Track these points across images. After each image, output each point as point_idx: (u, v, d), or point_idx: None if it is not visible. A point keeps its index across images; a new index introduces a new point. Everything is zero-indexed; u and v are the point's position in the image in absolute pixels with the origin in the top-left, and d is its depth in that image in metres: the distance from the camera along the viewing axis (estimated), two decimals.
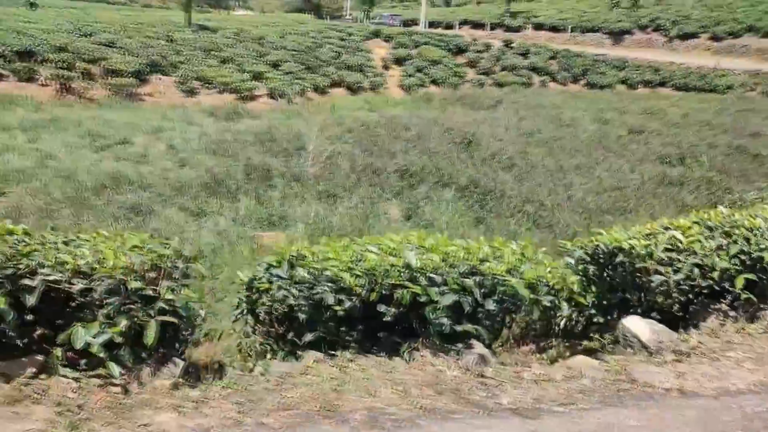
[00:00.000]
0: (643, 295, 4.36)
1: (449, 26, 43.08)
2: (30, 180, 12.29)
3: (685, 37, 42.59)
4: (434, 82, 31.11)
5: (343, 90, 28.37)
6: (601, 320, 4.51)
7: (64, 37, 24.65)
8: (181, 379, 3.02)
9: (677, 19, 43.46)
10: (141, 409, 2.72)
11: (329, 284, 3.55)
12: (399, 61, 32.46)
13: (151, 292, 3.10)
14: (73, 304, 3.06)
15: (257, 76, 25.67)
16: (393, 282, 3.49)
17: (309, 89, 26.56)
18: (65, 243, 3.48)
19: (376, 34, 35.14)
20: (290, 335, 3.79)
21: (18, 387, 2.76)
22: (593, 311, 4.55)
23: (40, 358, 2.98)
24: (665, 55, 40.21)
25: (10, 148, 14.38)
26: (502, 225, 11.98)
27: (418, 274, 3.54)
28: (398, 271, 3.53)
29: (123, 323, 2.95)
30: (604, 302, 4.53)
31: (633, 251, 4.36)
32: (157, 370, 3.06)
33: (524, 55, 35.60)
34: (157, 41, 26.43)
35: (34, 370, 2.90)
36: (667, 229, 4.71)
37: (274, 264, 3.89)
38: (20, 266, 2.99)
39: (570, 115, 24.29)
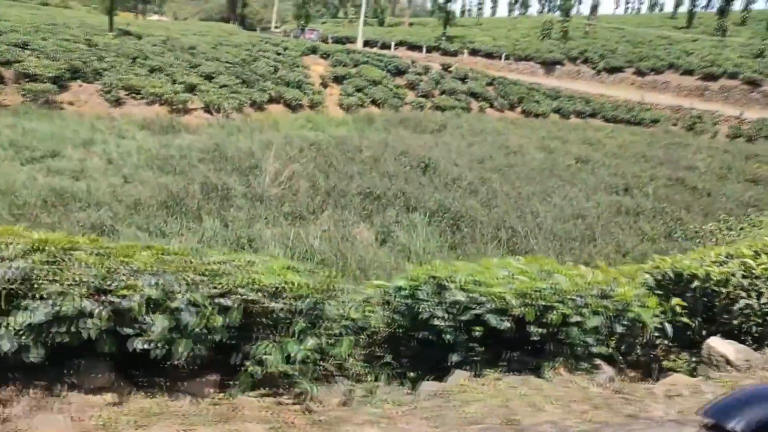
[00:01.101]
0: (721, 318, 4.60)
1: (385, 46, 43.74)
2: None
3: (611, 70, 45.56)
4: (374, 102, 31.37)
5: (281, 107, 27.98)
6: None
7: None
8: (345, 397, 3.27)
9: (604, 53, 46.45)
10: (343, 425, 2.91)
11: (489, 306, 3.72)
12: (338, 80, 32.49)
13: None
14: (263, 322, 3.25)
15: (190, 88, 24.84)
16: (545, 303, 3.72)
17: (246, 104, 26.02)
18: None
19: (312, 50, 35.07)
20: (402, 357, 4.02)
21: (213, 405, 2.95)
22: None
23: (214, 377, 3.14)
24: (594, 87, 42.79)
25: None
26: (478, 251, 12.13)
27: (564, 297, 3.81)
28: (549, 292, 3.78)
29: (311, 341, 3.18)
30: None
31: (710, 277, 4.67)
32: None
33: (462, 79, 36.67)
34: (76, 45, 25.01)
35: (211, 389, 3.08)
36: (729, 257, 5.00)
37: (403, 286, 4.02)
38: (218, 286, 3.13)
39: (516, 142, 25.19)
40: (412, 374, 3.86)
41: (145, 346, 2.86)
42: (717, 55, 46.73)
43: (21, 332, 2.66)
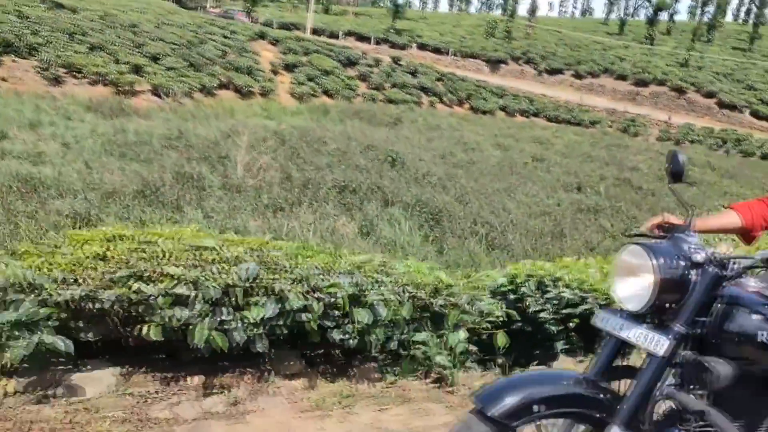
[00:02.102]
0: None
1: (333, 35, 43.22)
2: None
3: (552, 72, 47.21)
4: (326, 93, 31.01)
5: (231, 93, 27.14)
6: None
7: None
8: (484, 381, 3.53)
9: (545, 54, 48.02)
10: None
11: (593, 302, 4.10)
12: (289, 68, 31.88)
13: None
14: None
15: (136, 69, 23.68)
16: None
17: (196, 89, 25.07)
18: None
19: (261, 36, 34.21)
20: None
21: (386, 387, 3.25)
22: None
23: (373, 364, 3.52)
24: (536, 87, 44.06)
25: None
26: (460, 245, 12.30)
27: None
28: None
29: (463, 334, 3.50)
30: None
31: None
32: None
33: (413, 74, 36.84)
34: (6, 16, 23.27)
35: (374, 374, 3.43)
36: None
37: (504, 282, 4.46)
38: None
39: (471, 138, 25.60)
40: (522, 360, 4.22)
41: (343, 337, 3.18)
42: (647, 63, 49.58)
43: (251, 326, 2.95)
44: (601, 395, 1.82)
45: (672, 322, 1.77)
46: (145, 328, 2.78)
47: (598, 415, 1.80)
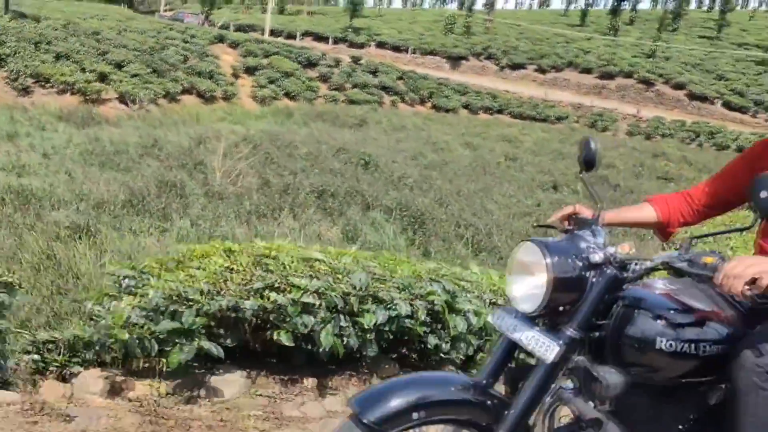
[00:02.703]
0: None
1: (291, 36, 44.04)
2: None
3: (514, 67, 48.47)
4: (288, 95, 31.89)
5: (194, 98, 27.87)
6: None
7: None
8: None
9: (506, 49, 49.39)
10: None
11: None
12: (249, 71, 32.66)
13: None
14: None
15: (101, 77, 24.25)
16: None
17: (160, 95, 25.68)
18: None
19: (220, 39, 34.88)
20: None
21: None
22: None
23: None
24: (499, 83, 45.37)
25: None
26: (448, 249, 13.28)
27: None
28: None
29: None
30: None
31: None
32: None
33: (373, 73, 37.89)
34: None
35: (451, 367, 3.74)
36: None
37: None
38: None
39: (439, 138, 26.76)
40: None
41: (438, 342, 3.56)
42: (612, 55, 50.69)
43: (364, 331, 3.37)
44: (489, 401, 1.79)
45: (565, 326, 1.73)
46: (276, 334, 3.24)
47: (484, 422, 1.78)
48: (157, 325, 3.08)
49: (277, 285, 3.32)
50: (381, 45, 46.78)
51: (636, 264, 1.77)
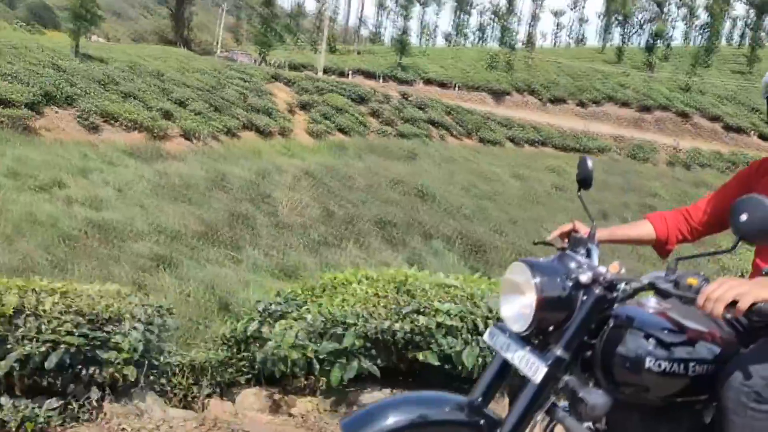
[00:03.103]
0: None
1: (342, 74, 44.84)
2: None
3: (555, 101, 48.66)
4: (341, 129, 32.27)
5: (253, 134, 28.39)
6: None
7: None
8: None
9: (548, 84, 49.58)
10: None
11: None
12: (304, 107, 33.21)
13: None
14: None
15: (166, 115, 24.92)
16: None
17: (221, 131, 26.30)
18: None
19: (275, 77, 35.64)
20: None
21: None
22: None
23: None
24: (541, 117, 45.40)
25: None
26: None
27: None
28: None
29: None
30: None
31: None
32: None
33: (422, 108, 38.18)
34: (44, 69, 24.59)
35: None
36: None
37: None
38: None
39: (488, 170, 26.75)
40: None
41: None
42: (649, 89, 50.93)
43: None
44: (482, 420, 1.76)
45: (554, 346, 1.70)
46: (422, 355, 3.36)
47: None
48: (318, 345, 3.24)
49: (422, 309, 3.47)
50: (428, 81, 47.30)
51: (625, 284, 1.73)
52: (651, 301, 1.79)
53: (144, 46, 43.66)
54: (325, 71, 43.62)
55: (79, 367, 2.86)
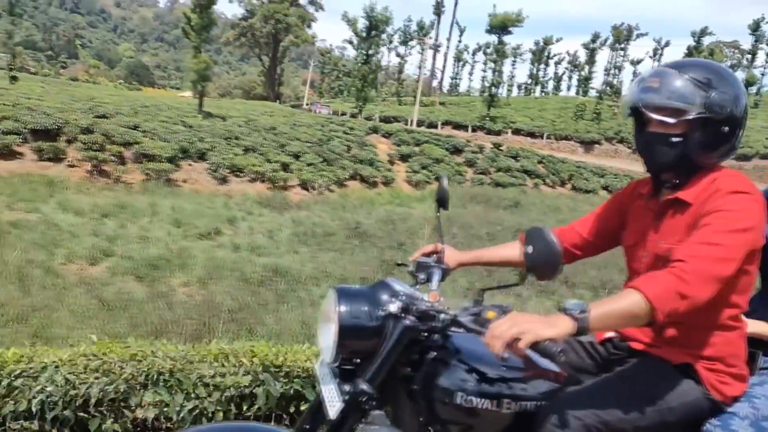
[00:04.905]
0: None
1: (432, 125, 46.24)
2: (182, 270, 12.22)
3: None
4: (438, 179, 33.01)
5: (358, 183, 29.55)
6: None
7: (79, 116, 24.41)
8: None
9: None
10: None
11: None
12: (403, 158, 34.33)
13: None
14: None
15: (284, 167, 26.40)
16: None
17: (332, 181, 27.54)
18: None
19: (374, 130, 37.10)
20: None
21: None
22: None
23: None
24: (634, 165, 44.90)
25: (119, 236, 14.17)
26: None
27: None
28: None
29: None
30: None
31: None
32: None
33: (515, 157, 38.68)
34: (176, 126, 26.68)
35: None
36: None
37: None
38: None
39: None
40: None
41: None
42: (746, 137, 49.71)
43: None
44: None
45: (359, 379, 1.62)
46: None
47: None
48: None
49: None
50: (516, 131, 48.04)
51: (442, 314, 1.65)
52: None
53: (246, 102, 46.25)
54: (417, 123, 45.05)
55: None
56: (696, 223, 1.78)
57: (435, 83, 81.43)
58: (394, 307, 1.66)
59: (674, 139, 1.87)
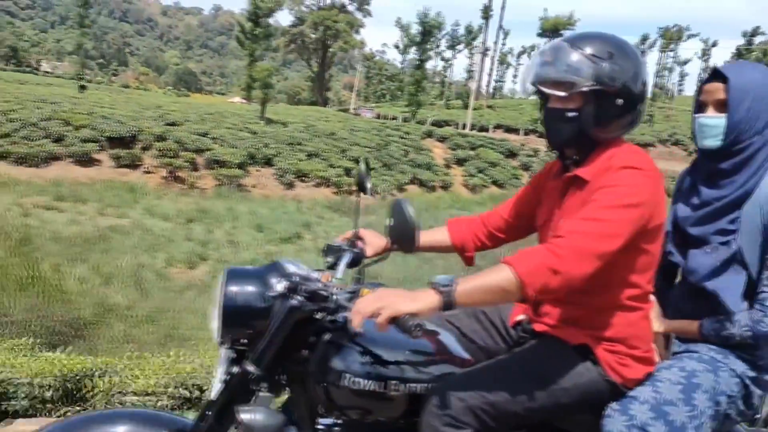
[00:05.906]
0: None
1: (483, 129, 46.15)
2: None
3: None
4: (495, 182, 33.07)
5: (416, 187, 29.75)
6: None
7: (151, 123, 25.22)
8: None
9: (692, 135, 48.30)
10: None
11: None
12: (459, 162, 34.41)
13: None
14: None
15: (347, 171, 26.77)
16: None
17: (393, 186, 27.80)
18: None
19: (429, 134, 37.29)
20: None
21: None
22: None
23: None
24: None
25: (209, 241, 14.64)
26: None
27: None
28: None
29: None
30: None
31: None
32: None
33: None
34: (241, 133, 27.32)
35: None
36: None
37: None
38: None
39: None
40: None
41: None
42: None
43: None
44: None
45: (246, 361, 1.61)
46: None
47: None
48: None
49: None
50: None
51: (334, 294, 1.65)
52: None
53: (298, 108, 46.93)
54: (466, 127, 45.03)
55: None
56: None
57: (482, 86, 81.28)
58: (280, 286, 1.64)
59: (570, 114, 1.79)
